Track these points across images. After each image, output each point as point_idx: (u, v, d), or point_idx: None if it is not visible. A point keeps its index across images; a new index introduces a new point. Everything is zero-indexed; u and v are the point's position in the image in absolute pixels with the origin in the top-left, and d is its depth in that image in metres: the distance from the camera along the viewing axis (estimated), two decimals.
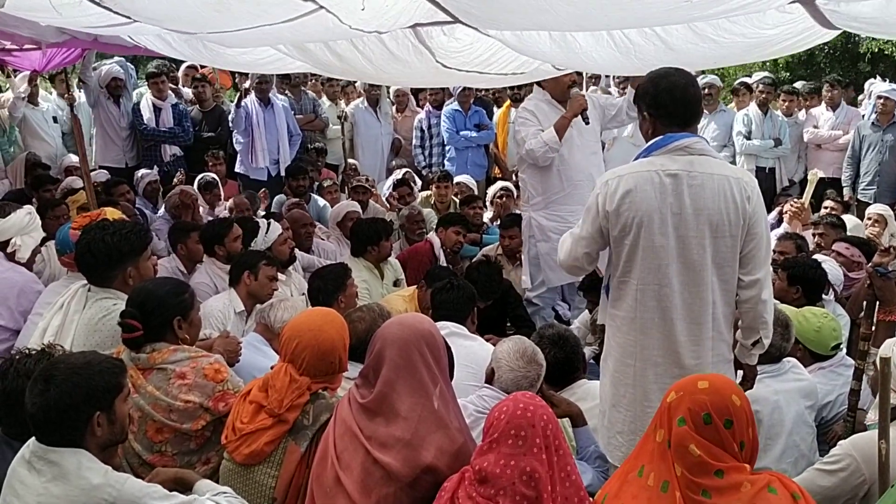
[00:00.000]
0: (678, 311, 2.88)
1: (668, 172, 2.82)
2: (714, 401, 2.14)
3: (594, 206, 2.93)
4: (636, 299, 2.92)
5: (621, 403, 3.02)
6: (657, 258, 2.85)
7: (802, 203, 6.35)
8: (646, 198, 2.82)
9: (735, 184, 2.87)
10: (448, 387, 2.64)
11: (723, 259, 2.88)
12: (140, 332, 2.99)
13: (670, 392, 2.23)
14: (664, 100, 2.89)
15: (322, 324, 2.90)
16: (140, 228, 3.60)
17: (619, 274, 2.95)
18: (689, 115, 2.92)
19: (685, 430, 2.12)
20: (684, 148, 2.85)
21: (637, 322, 2.93)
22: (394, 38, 4.66)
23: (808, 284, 4.47)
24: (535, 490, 2.21)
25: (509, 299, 5.52)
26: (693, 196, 2.81)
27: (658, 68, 3.00)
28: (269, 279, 4.52)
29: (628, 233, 2.86)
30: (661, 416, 2.22)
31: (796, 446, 3.35)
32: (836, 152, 8.41)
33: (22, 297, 4.17)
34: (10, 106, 7.61)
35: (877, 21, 3.23)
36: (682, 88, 2.88)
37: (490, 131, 8.69)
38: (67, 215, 5.77)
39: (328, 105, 9.32)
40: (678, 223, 2.82)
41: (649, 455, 2.20)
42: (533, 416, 2.29)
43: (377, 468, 2.45)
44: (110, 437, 2.41)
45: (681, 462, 2.12)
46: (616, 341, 3.03)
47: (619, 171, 2.94)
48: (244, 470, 2.80)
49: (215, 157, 7.80)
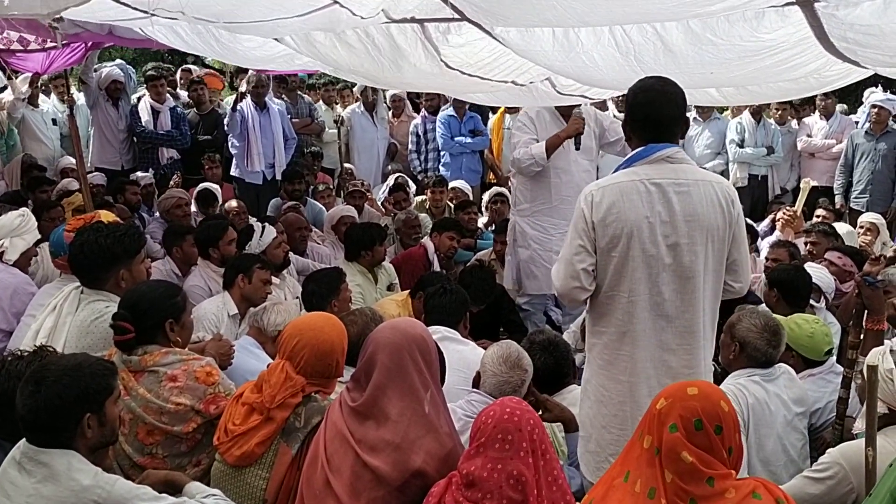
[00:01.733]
0: (671, 320, 2.83)
1: (653, 181, 2.80)
2: (705, 407, 2.14)
3: (581, 219, 2.85)
4: (627, 312, 2.83)
5: (612, 424, 2.90)
6: (648, 268, 2.80)
7: (795, 211, 6.38)
8: (633, 207, 2.78)
9: (719, 189, 2.86)
10: (439, 391, 2.65)
11: (714, 264, 2.86)
12: (132, 334, 2.99)
13: (659, 398, 2.22)
14: (637, 113, 2.87)
15: (324, 325, 2.94)
16: (134, 231, 3.60)
17: (606, 288, 2.86)
18: (662, 133, 2.86)
19: (677, 437, 2.12)
20: (666, 158, 2.83)
21: (629, 336, 2.85)
22: (402, 32, 4.65)
23: (784, 287, 4.46)
24: (522, 494, 2.22)
25: (502, 304, 5.54)
26: (682, 203, 2.79)
27: (643, 79, 2.95)
28: (263, 282, 4.53)
29: (616, 244, 2.80)
30: (649, 422, 2.22)
31: (786, 451, 3.37)
32: (830, 161, 8.45)
33: (15, 299, 4.18)
34: (9, 107, 7.63)
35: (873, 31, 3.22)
36: (657, 106, 2.84)
37: (485, 137, 8.72)
38: (63, 217, 5.78)
39: (324, 109, 9.36)
40: (668, 231, 2.79)
41: (635, 461, 2.21)
42: (520, 420, 2.30)
43: (367, 471, 2.46)
44: (101, 439, 2.42)
45: (672, 468, 2.12)
46: (604, 359, 2.92)
47: (601, 182, 2.90)
48: (235, 471, 2.82)
49: (211, 160, 7.82)
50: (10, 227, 4.40)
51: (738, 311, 3.63)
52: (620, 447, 2.72)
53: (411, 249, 6.34)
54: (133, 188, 7.15)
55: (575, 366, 4.04)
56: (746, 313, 3.53)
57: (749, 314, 3.52)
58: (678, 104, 2.90)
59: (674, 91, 2.89)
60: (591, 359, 3.00)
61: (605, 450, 2.92)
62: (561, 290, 2.93)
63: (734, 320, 3.50)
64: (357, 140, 8.89)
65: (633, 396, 2.86)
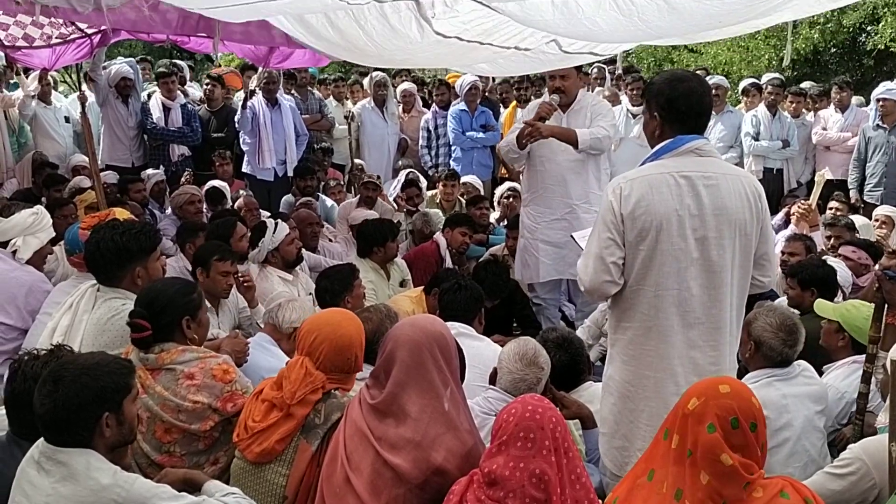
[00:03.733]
0: (697, 315, 2.81)
1: (682, 174, 2.79)
2: (740, 405, 2.12)
3: (609, 212, 2.83)
4: (654, 306, 2.82)
5: (640, 419, 2.90)
6: (676, 262, 2.78)
7: (810, 204, 6.34)
8: (662, 200, 2.77)
9: (746, 183, 2.87)
10: (458, 388, 2.64)
11: (742, 259, 2.85)
12: (149, 332, 2.99)
13: (689, 398, 2.17)
14: (679, 105, 2.85)
15: (341, 320, 2.94)
16: (149, 228, 3.61)
17: (632, 282, 2.85)
18: (699, 124, 2.90)
19: (716, 438, 2.08)
20: (695, 150, 2.83)
21: (654, 331, 2.84)
22: (396, 11, 4.58)
23: (821, 284, 4.44)
24: (545, 492, 2.20)
25: (516, 299, 5.52)
26: (711, 196, 2.78)
27: (675, 70, 3.00)
28: (223, 274, 4.38)
29: (644, 237, 2.79)
30: (678, 421, 2.17)
31: (805, 451, 3.32)
32: (845, 154, 8.36)
33: (30, 297, 4.18)
34: (20, 104, 7.63)
35: None
36: (698, 96, 2.85)
37: (496, 132, 8.68)
38: (76, 215, 5.79)
39: (335, 105, 9.33)
40: (697, 224, 2.78)
41: (661, 460, 2.18)
42: (542, 418, 2.28)
43: (387, 469, 2.45)
44: (119, 438, 2.41)
45: (709, 470, 2.08)
46: (629, 354, 2.91)
47: (629, 174, 2.89)
48: (255, 468, 2.80)
49: (222, 157, 7.81)
50: (24, 226, 4.39)
51: (756, 308, 3.59)
52: (648, 442, 2.72)
53: (423, 245, 6.33)
54: (137, 185, 7.10)
55: (590, 362, 4.01)
56: (763, 311, 3.47)
57: (765, 312, 3.45)
58: (710, 94, 2.95)
59: (706, 83, 2.97)
60: (615, 354, 2.99)
61: (633, 444, 2.92)
62: (590, 286, 2.90)
63: (750, 318, 3.42)
64: (367, 136, 8.86)
65: (660, 392, 2.85)
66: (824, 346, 3.88)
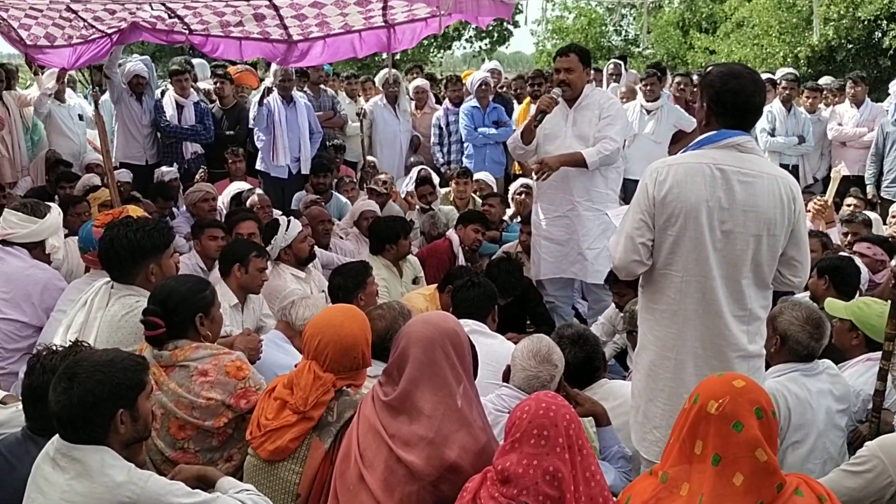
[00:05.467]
0: (723, 301, 2.87)
1: (719, 166, 2.83)
2: (759, 396, 2.12)
3: (643, 195, 2.91)
4: (680, 290, 2.90)
5: (659, 398, 3.01)
6: (700, 250, 2.85)
7: (826, 201, 6.29)
8: (694, 189, 2.82)
9: (783, 184, 2.88)
10: (472, 385, 2.63)
11: (766, 257, 2.88)
12: (162, 329, 3.00)
13: (708, 401, 2.11)
14: (727, 99, 2.88)
15: (343, 319, 2.92)
16: (163, 226, 3.62)
17: (660, 266, 2.94)
18: (746, 121, 2.92)
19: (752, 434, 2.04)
20: (736, 146, 2.86)
21: (680, 315, 2.92)
22: None
23: (835, 273, 4.41)
24: (559, 490, 2.19)
25: (529, 296, 5.51)
26: (744, 192, 2.82)
27: (733, 65, 3.03)
28: (260, 270, 4.46)
29: (674, 223, 2.85)
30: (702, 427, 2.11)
31: (825, 448, 3.30)
32: (861, 150, 8.31)
33: (45, 294, 4.20)
34: (35, 102, 7.67)
35: None
36: (747, 95, 2.87)
37: (509, 128, 8.62)
38: (88, 213, 5.82)
39: (347, 102, 9.32)
40: (725, 217, 2.82)
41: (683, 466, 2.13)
42: (556, 415, 2.27)
43: (400, 466, 2.45)
44: (133, 435, 2.41)
45: (746, 470, 2.03)
46: (655, 335, 3.01)
47: (669, 160, 2.97)
48: (268, 466, 2.81)
49: (235, 154, 7.82)
50: (56, 226, 4.46)
51: (780, 303, 3.57)
52: (665, 420, 2.91)
53: (436, 242, 6.31)
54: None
55: (605, 359, 3.99)
56: (788, 305, 3.47)
57: (791, 306, 3.45)
58: (764, 93, 2.98)
59: (761, 80, 2.98)
60: (644, 332, 3.10)
61: (650, 421, 3.05)
62: (619, 263, 3.01)
63: (776, 312, 3.41)
64: (379, 133, 8.84)
65: (679, 375, 2.95)
66: (837, 346, 3.84)
